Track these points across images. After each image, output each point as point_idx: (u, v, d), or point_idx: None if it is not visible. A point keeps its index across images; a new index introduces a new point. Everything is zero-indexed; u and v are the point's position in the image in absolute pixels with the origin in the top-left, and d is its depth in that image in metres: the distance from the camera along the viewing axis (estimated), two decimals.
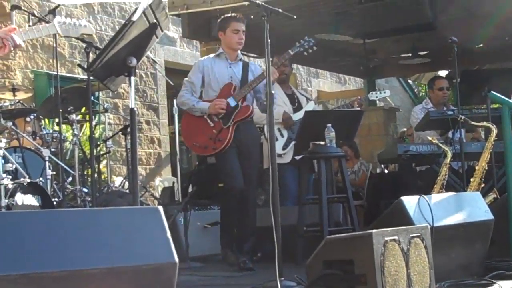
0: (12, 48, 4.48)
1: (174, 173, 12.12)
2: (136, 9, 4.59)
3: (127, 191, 8.62)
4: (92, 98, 7.37)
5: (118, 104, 12.10)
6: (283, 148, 7.78)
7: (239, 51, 7.15)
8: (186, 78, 7.10)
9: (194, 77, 7.07)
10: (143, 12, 4.60)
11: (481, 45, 12.32)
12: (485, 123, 7.06)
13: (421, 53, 12.52)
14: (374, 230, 4.03)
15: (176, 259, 3.13)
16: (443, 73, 14.83)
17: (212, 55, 7.27)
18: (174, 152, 11.77)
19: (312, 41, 7.04)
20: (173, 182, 10.01)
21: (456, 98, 7.56)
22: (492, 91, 6.32)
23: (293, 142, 7.74)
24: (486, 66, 13.61)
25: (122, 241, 3.01)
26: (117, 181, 9.75)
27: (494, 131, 6.87)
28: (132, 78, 4.61)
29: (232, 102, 6.87)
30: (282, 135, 7.83)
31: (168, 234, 3.14)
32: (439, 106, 8.64)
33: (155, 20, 4.72)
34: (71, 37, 4.55)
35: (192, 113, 6.95)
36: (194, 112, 6.93)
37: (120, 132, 9.28)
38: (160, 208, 3.17)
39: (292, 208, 7.15)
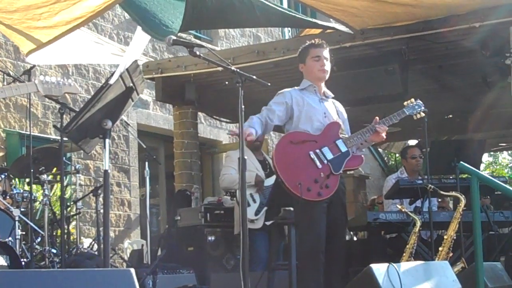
0: None
1: (143, 236, 12.06)
2: (113, 72, 4.64)
3: (96, 253, 8.56)
4: (64, 158, 7.37)
5: (90, 165, 12.08)
6: (255, 214, 7.77)
7: (326, 89, 6.47)
8: (265, 106, 6.34)
9: (277, 106, 6.27)
10: (120, 76, 4.64)
11: (450, 116, 12.51)
12: (454, 193, 7.15)
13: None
14: None
15: None
16: (412, 142, 14.99)
17: (297, 88, 6.47)
18: (144, 215, 11.74)
19: (422, 106, 6.56)
20: (142, 245, 9.96)
21: (426, 168, 7.65)
22: (461, 162, 6.41)
23: (265, 208, 7.76)
24: (455, 137, 13.80)
25: None
26: (86, 242, 9.69)
27: (463, 201, 6.95)
28: (107, 140, 4.64)
29: (342, 146, 6.15)
30: (254, 201, 7.84)
31: None
32: (413, 174, 8.76)
33: (131, 84, 4.77)
34: (54, 96, 4.55)
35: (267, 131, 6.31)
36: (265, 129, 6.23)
37: (91, 194, 9.25)
38: (132, 270, 3.18)
39: (262, 274, 7.14)
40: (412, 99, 6.58)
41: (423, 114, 6.56)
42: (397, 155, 16.46)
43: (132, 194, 13.08)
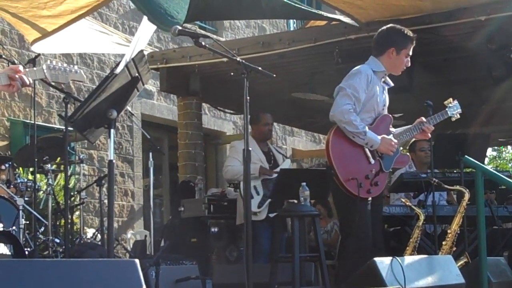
0: (20, 87, 4.31)
1: (146, 227, 12.08)
2: (119, 62, 4.63)
3: (99, 243, 8.56)
4: (67, 148, 7.37)
5: (93, 155, 12.09)
6: (259, 206, 7.76)
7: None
8: (349, 89, 5.89)
9: (362, 93, 5.85)
10: (126, 65, 4.63)
11: None
12: (458, 187, 7.12)
13: (396, 115, 12.64)
14: None
15: None
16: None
17: (369, 66, 6.04)
18: (147, 205, 11.74)
19: (459, 107, 6.43)
20: (145, 236, 9.97)
21: (430, 161, 7.63)
22: (465, 156, 6.39)
23: (269, 200, 7.75)
24: (459, 131, 13.76)
25: None
26: (89, 232, 9.70)
27: (467, 195, 6.93)
28: (112, 130, 4.63)
29: None
30: (258, 193, 7.83)
31: (144, 287, 3.14)
32: (422, 167, 8.68)
33: (137, 74, 4.76)
34: (60, 83, 4.39)
35: (349, 135, 5.85)
36: (357, 138, 5.84)
37: (95, 184, 9.25)
38: (137, 261, 3.17)
39: (264, 266, 7.13)
40: (450, 99, 6.48)
41: (458, 116, 6.54)
42: (400, 148, 16.40)
43: (136, 184, 13.09)
